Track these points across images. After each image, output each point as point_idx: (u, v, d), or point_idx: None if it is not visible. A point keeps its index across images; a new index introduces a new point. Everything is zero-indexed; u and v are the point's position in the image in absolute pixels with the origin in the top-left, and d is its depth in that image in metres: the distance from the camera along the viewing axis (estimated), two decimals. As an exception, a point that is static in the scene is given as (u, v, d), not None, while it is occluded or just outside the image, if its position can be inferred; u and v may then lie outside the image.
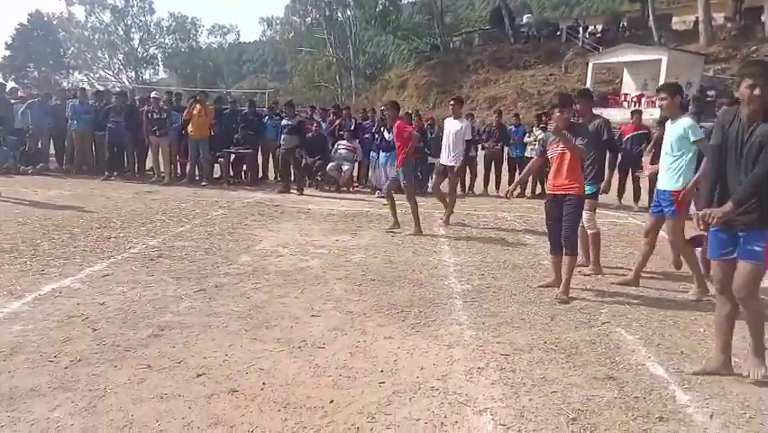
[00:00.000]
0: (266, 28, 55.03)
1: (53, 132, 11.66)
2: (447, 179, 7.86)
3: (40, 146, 11.73)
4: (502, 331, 3.92)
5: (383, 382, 3.11)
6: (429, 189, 9.66)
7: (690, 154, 4.77)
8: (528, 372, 3.29)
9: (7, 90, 13.29)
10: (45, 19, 50.22)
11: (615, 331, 3.99)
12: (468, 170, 11.28)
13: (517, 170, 11.22)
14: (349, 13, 46.28)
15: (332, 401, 2.88)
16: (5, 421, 2.59)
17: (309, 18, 48.47)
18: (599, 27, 34.83)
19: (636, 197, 9.97)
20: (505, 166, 11.49)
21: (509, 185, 11.28)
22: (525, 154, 10.88)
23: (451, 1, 50.36)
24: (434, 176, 8.08)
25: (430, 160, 10.41)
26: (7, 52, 48.95)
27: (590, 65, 27.97)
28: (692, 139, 4.71)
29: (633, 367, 3.39)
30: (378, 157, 10.86)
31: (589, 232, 5.54)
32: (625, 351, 3.64)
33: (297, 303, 4.37)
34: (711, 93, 23.63)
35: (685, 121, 4.81)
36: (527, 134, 11.15)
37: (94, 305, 4.11)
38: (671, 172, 4.84)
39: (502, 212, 9.12)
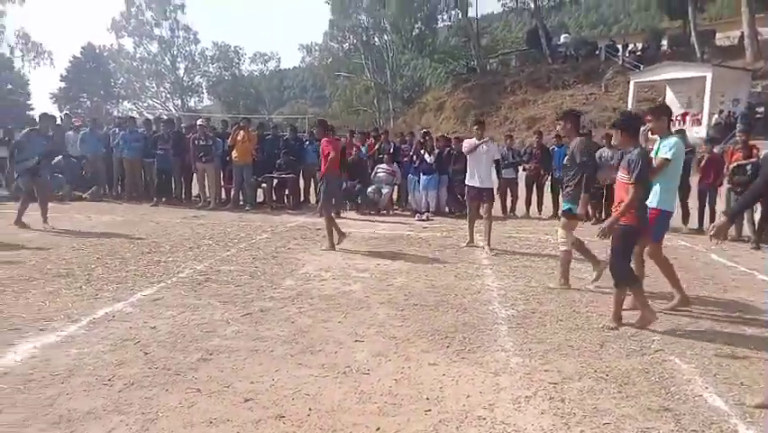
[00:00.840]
0: (305, 54, 56.50)
1: (106, 159, 12.19)
2: (483, 204, 7.70)
3: (95, 172, 12.29)
4: (550, 358, 3.84)
5: (429, 410, 3.09)
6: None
7: (669, 174, 4.78)
8: (579, 401, 3.20)
9: (60, 119, 14.00)
10: (97, 51, 52.67)
11: (668, 360, 3.86)
12: (509, 192, 11.20)
13: (561, 192, 11.03)
14: (386, 38, 46.94)
15: (378, 429, 2.87)
16: (64, 443, 2.67)
17: (347, 44, 49.38)
18: (639, 45, 34.29)
19: (685, 218, 9.68)
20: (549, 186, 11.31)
21: (553, 207, 11.17)
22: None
23: (486, 23, 50.59)
24: (467, 202, 7.91)
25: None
26: (62, 84, 51.43)
27: (632, 83, 27.49)
28: (659, 155, 4.73)
29: (690, 398, 3.26)
30: (418, 179, 10.93)
31: (560, 249, 5.70)
32: (680, 381, 3.51)
33: (341, 328, 4.39)
34: (760, 110, 22.87)
35: (667, 141, 4.80)
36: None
37: (145, 329, 4.23)
38: (653, 191, 4.84)
39: (545, 235, 8.98)
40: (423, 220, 10.38)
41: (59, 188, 11.64)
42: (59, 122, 13.65)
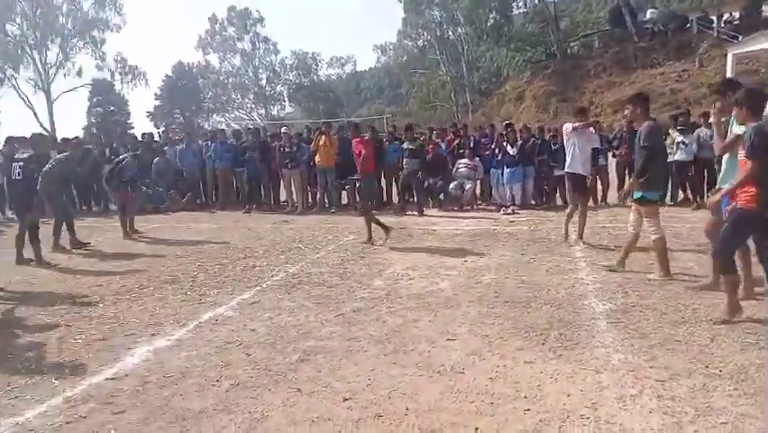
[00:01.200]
0: (380, 55, 56.82)
1: (201, 170, 12.95)
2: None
3: (192, 184, 13.12)
4: (655, 354, 3.65)
5: (528, 409, 3.03)
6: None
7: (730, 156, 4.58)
8: (690, 400, 3.02)
9: (159, 135, 15.08)
10: (186, 69, 55.85)
11: (791, 354, 3.55)
12: (599, 180, 10.73)
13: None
14: (460, 31, 46.29)
15: (477, 429, 2.86)
16: (182, 441, 2.86)
17: (421, 40, 49.15)
18: (736, 14, 31.65)
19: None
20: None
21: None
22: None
23: (565, 6, 48.62)
24: (568, 193, 7.64)
25: (557, 172, 9.95)
26: (157, 102, 55.03)
27: (730, 56, 25.40)
28: (733, 130, 4.50)
29: (819, 396, 2.99)
30: (501, 173, 10.71)
31: (652, 237, 5.44)
32: (806, 377, 3.22)
33: (432, 327, 4.39)
34: None
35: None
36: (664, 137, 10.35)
37: (246, 331, 4.45)
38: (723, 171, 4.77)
39: (640, 223, 8.51)
40: (508, 214, 10.17)
41: (160, 201, 12.48)
42: (156, 138, 14.76)
